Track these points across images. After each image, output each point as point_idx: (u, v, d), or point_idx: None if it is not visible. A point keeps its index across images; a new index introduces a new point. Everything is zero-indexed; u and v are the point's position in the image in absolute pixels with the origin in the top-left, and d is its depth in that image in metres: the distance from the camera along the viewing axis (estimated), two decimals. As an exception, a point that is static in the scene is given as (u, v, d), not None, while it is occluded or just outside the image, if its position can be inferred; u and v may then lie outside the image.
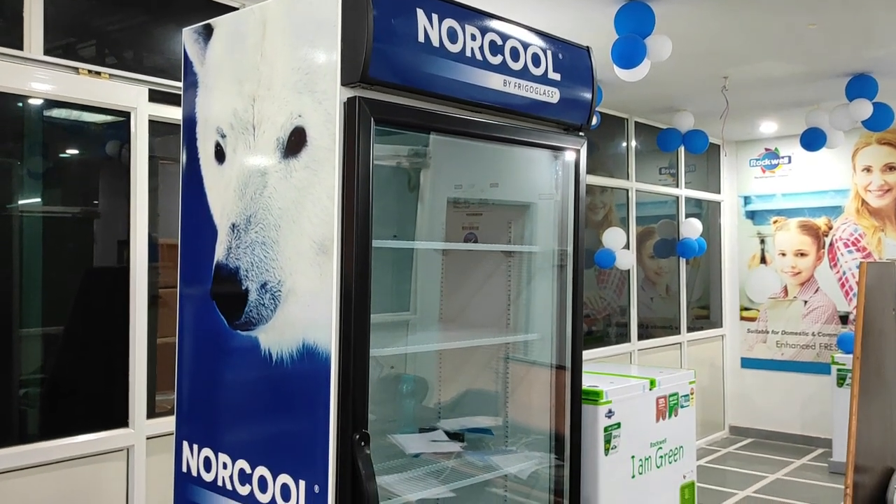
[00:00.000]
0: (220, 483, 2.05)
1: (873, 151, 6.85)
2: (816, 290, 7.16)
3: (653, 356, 6.75)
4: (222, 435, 2.07)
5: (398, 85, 1.98)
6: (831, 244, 7.09)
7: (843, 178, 7.04)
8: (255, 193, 2.02)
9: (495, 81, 2.20)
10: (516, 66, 2.25)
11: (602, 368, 5.30)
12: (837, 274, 7.06)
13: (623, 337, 6.60)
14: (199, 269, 2.19)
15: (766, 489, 5.91)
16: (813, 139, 5.65)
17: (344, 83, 1.89)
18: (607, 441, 4.66)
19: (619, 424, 4.70)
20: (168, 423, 3.42)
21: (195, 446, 2.14)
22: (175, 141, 2.45)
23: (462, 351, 3.00)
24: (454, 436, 2.79)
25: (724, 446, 7.21)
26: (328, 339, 1.80)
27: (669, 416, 5.09)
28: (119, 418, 3.32)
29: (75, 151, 3.56)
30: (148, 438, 3.38)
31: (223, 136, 2.14)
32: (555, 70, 2.37)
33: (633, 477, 4.78)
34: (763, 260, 7.49)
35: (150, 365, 3.41)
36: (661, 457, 5.01)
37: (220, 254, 2.11)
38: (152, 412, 3.43)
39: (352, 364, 1.77)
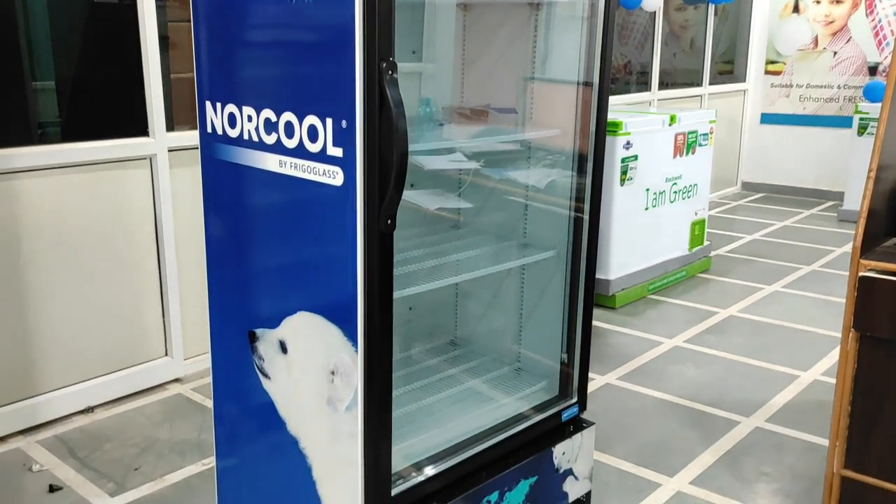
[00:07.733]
0: (245, 137, 2.05)
1: None
2: (848, 41, 6.86)
3: (672, 106, 6.63)
4: (245, 88, 2.04)
5: None
6: (871, -11, 6.69)
7: (894, -86, 6.49)
8: None
9: None
10: None
11: (622, 110, 5.22)
12: (873, 22, 6.72)
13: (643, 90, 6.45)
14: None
15: (773, 233, 6.06)
16: None
17: None
18: (623, 172, 4.70)
19: (636, 157, 4.72)
20: (189, 137, 3.43)
21: (218, 104, 2.11)
22: None
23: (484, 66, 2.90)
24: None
25: (735, 200, 7.31)
26: (352, -34, 1.70)
27: (687, 153, 5.09)
28: (139, 128, 3.34)
29: None
30: (170, 151, 3.41)
31: None
32: None
33: (647, 209, 4.88)
34: (796, 9, 7.10)
35: (165, 89, 3.38)
36: (676, 192, 5.08)
37: None
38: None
39: (377, -10, 1.68)
